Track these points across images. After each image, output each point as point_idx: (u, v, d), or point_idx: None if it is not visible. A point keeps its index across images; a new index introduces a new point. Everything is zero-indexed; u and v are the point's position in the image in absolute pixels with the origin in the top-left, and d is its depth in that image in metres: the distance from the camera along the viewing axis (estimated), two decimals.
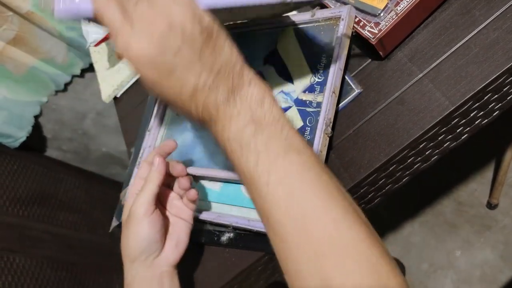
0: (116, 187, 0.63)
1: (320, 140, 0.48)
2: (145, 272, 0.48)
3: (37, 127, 1.35)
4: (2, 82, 1.22)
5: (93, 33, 0.74)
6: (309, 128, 0.50)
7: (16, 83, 1.25)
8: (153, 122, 0.64)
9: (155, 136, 0.63)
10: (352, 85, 0.54)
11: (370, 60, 0.54)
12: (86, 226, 1.40)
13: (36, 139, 1.38)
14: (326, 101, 0.49)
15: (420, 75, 0.49)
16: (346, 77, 0.54)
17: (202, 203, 0.56)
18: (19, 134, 1.27)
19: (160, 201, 0.52)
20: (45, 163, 1.41)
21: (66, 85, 1.30)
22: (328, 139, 0.49)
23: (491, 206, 1.08)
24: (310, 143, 0.49)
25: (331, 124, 0.49)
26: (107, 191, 1.52)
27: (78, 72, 1.27)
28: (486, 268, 1.05)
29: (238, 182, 0.54)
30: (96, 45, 0.76)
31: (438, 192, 1.16)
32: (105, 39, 0.75)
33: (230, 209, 0.54)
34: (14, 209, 1.23)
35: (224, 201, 0.55)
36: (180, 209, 0.52)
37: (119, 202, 0.66)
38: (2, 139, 1.26)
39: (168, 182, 0.53)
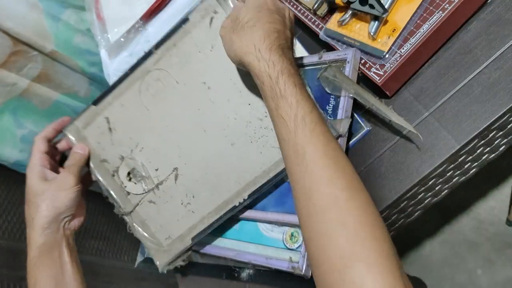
0: None
1: None
2: (55, 235, 0.55)
3: (61, 156, 1.40)
4: (28, 117, 1.27)
5: (114, 76, 0.78)
6: None
7: (41, 116, 1.30)
8: None
9: None
10: (362, 123, 0.56)
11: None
12: (111, 252, 1.43)
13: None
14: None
15: (426, 114, 0.51)
16: (355, 115, 0.57)
17: (222, 240, 0.59)
18: None
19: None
20: None
21: None
22: None
23: (510, 223, 1.07)
24: None
25: None
26: None
27: None
28: (508, 286, 1.05)
29: (254, 219, 0.57)
30: None
31: (457, 210, 1.16)
32: None
33: (248, 246, 0.56)
34: None
35: (243, 238, 0.57)
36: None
37: None
38: None
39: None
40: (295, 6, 0.65)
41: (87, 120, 0.60)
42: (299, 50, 0.65)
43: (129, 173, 0.59)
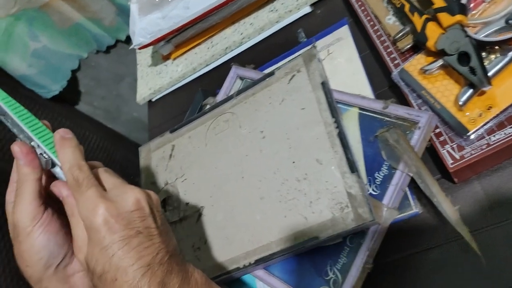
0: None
1: (357, 273, 0.41)
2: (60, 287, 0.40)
3: (72, 80, 1.32)
4: (44, 31, 1.17)
5: (140, 35, 0.66)
6: (348, 248, 0.43)
7: (59, 34, 1.20)
8: None
9: None
10: (411, 202, 0.45)
11: (440, 176, 0.45)
12: None
13: (70, 91, 1.35)
14: (374, 228, 0.41)
15: (496, 225, 0.40)
16: (406, 188, 0.46)
17: None
18: (53, 87, 1.24)
19: (49, 194, 0.41)
20: (74, 117, 1.39)
21: (109, 47, 1.25)
22: (366, 272, 0.42)
23: None
24: (345, 269, 0.42)
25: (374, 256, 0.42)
26: (130, 158, 1.50)
27: (123, 37, 1.21)
28: None
29: (254, 275, 0.48)
30: (141, 48, 0.68)
31: None
32: (151, 44, 0.67)
33: None
34: None
35: None
36: None
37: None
38: (36, 88, 1.23)
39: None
40: (372, 23, 0.53)
41: (159, 145, 0.62)
42: (362, 82, 0.52)
43: (164, 200, 0.57)
